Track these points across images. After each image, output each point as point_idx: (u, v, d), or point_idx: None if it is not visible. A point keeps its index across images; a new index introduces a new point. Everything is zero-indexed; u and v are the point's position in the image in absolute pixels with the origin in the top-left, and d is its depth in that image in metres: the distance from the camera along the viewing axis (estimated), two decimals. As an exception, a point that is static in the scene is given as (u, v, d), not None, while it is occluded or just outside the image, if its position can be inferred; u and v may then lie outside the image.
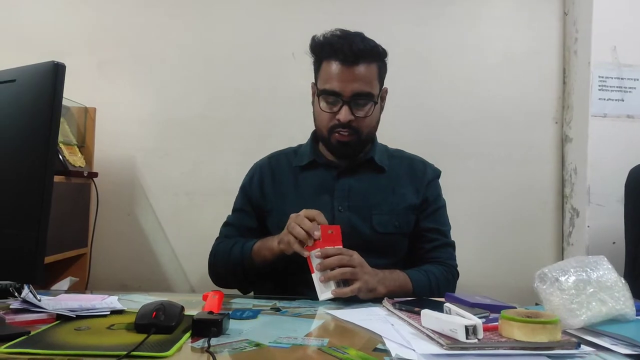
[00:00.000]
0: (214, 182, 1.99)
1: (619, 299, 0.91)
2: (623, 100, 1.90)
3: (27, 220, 0.82)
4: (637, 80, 1.90)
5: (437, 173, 1.46)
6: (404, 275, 1.25)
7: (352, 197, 1.35)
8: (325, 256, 1.14)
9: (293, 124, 1.88)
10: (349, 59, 1.27)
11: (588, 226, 1.88)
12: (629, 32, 1.90)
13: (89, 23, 2.01)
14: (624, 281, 0.94)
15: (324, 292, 1.13)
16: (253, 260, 1.27)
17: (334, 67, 1.29)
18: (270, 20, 2.03)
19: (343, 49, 1.27)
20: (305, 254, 1.16)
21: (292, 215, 1.19)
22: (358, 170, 1.39)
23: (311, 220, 1.17)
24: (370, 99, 1.31)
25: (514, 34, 2.06)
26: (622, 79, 1.89)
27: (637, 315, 0.93)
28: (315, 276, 1.14)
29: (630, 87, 1.90)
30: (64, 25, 2.00)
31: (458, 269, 1.39)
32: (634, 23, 1.90)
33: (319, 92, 1.32)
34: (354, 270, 1.14)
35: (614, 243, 1.81)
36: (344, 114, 1.28)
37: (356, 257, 1.17)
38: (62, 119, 1.78)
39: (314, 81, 1.39)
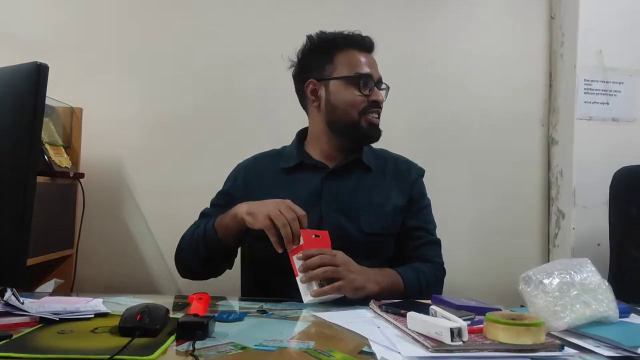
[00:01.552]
0: (202, 183, 1.96)
1: (603, 301, 0.92)
2: (608, 104, 1.92)
3: (9, 222, 0.81)
4: (622, 83, 1.92)
5: (420, 172, 1.47)
6: (394, 272, 1.25)
7: (340, 198, 1.36)
8: (307, 257, 1.13)
9: (282, 124, 1.87)
10: (367, 47, 1.38)
11: (573, 228, 1.90)
12: (614, 35, 1.92)
13: (76, 22, 1.99)
14: (607, 283, 0.95)
15: (307, 295, 1.12)
16: (215, 233, 1.24)
17: (356, 54, 1.37)
18: (259, 21, 2.03)
19: (358, 38, 1.38)
20: (280, 250, 1.15)
21: (281, 206, 1.15)
22: (345, 171, 1.40)
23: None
24: (385, 86, 1.41)
25: (501, 38, 2.08)
26: (607, 82, 1.91)
27: (620, 317, 0.94)
28: (299, 279, 1.13)
29: (615, 91, 1.92)
30: (50, 24, 1.98)
31: (445, 267, 1.40)
32: (619, 27, 1.92)
33: (350, 78, 1.35)
34: (337, 268, 1.13)
35: (598, 245, 1.83)
36: (380, 94, 1.37)
37: (340, 256, 1.16)
38: (47, 119, 1.77)
39: (313, 79, 1.38)
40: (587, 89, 1.91)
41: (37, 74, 0.82)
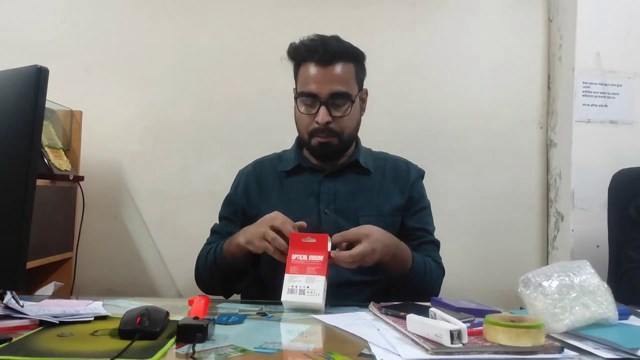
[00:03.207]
0: (202, 186, 1.98)
1: (602, 303, 0.92)
2: (606, 106, 1.92)
3: (9, 225, 0.81)
4: (621, 86, 1.93)
5: (420, 173, 1.48)
6: (408, 250, 1.28)
7: (338, 199, 1.37)
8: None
9: (281, 128, 1.86)
10: (325, 59, 1.30)
11: (572, 230, 1.90)
12: (612, 38, 1.92)
13: (76, 26, 1.99)
14: (606, 285, 0.95)
15: (287, 294, 1.11)
16: (225, 258, 1.27)
17: (310, 69, 1.32)
18: (257, 25, 2.03)
19: (318, 50, 1.31)
20: (284, 259, 1.15)
21: (275, 222, 1.17)
22: (343, 173, 1.41)
23: (276, 231, 1.16)
24: (347, 98, 1.32)
25: (499, 40, 2.08)
26: (605, 84, 1.92)
27: (619, 319, 0.94)
28: (287, 278, 1.12)
29: (613, 93, 1.92)
30: (50, 28, 1.98)
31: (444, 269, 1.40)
32: (617, 29, 1.93)
33: (297, 96, 1.35)
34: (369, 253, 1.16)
35: (597, 247, 1.83)
36: (322, 116, 1.30)
37: (372, 238, 1.17)
38: (47, 122, 1.77)
39: (294, 87, 1.41)
40: (586, 92, 1.91)
41: (37, 77, 0.82)
